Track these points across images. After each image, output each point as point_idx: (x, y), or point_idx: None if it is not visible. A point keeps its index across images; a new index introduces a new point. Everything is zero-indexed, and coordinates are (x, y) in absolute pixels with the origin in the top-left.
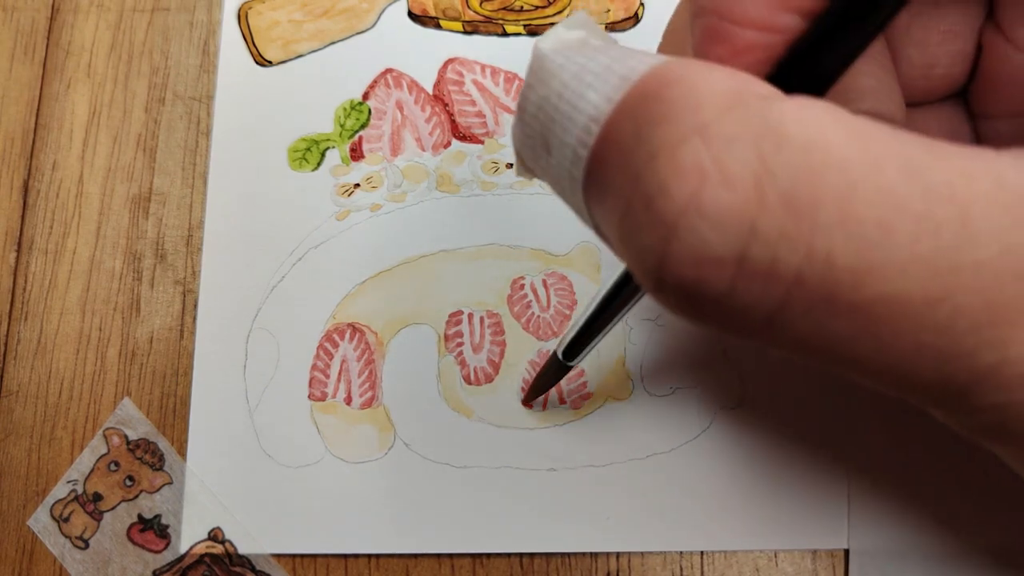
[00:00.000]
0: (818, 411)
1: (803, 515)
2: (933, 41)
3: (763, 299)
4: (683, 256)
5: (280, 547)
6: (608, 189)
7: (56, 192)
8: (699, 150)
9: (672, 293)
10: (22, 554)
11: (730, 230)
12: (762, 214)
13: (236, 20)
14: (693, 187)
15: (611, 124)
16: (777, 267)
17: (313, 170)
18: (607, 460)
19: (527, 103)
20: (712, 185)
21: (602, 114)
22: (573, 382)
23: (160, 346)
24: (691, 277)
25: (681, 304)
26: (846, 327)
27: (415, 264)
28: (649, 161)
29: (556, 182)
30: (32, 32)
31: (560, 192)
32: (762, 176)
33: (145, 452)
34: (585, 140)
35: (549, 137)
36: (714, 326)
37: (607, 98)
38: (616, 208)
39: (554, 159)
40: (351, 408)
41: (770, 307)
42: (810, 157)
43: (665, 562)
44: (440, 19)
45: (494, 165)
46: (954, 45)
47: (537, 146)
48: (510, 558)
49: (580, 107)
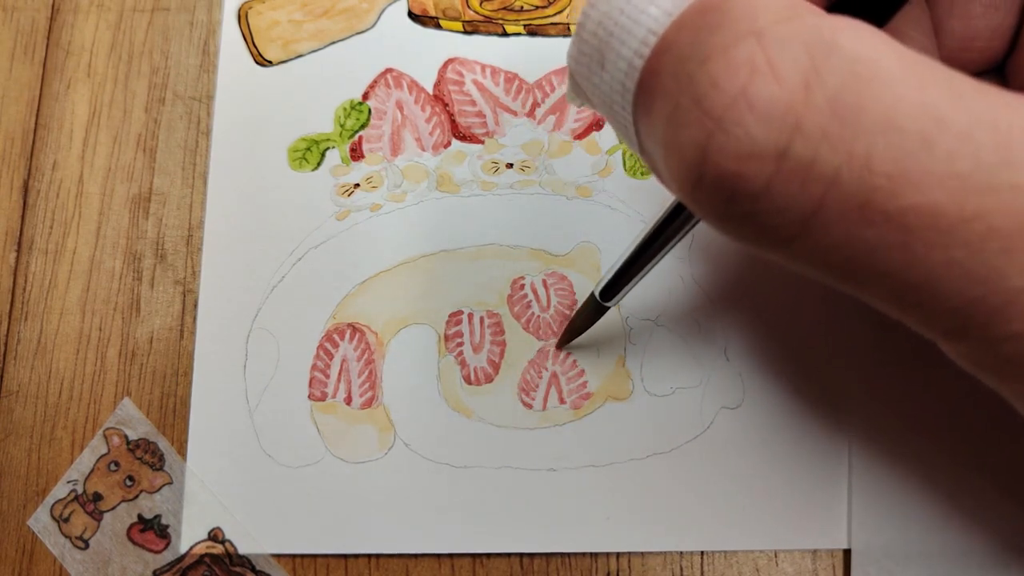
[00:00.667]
0: (818, 411)
1: (803, 515)
2: (975, 14)
3: (799, 200)
4: (726, 148)
5: (280, 547)
6: (658, 96)
7: (56, 192)
8: (753, 49)
9: (710, 190)
10: (22, 554)
11: (775, 124)
12: (807, 112)
13: (236, 20)
14: (743, 81)
15: (669, 35)
16: (816, 167)
17: (313, 170)
18: (607, 460)
19: (587, 20)
20: (762, 79)
21: (661, 26)
22: (573, 382)
23: (160, 346)
24: (731, 171)
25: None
26: (878, 236)
27: (415, 264)
28: (702, 63)
29: (606, 98)
30: (32, 32)
31: (608, 109)
32: (811, 77)
33: (145, 452)
34: (642, 51)
35: (606, 52)
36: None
37: (667, 12)
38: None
39: (607, 74)
40: (351, 408)
41: (805, 209)
42: (858, 66)
43: (665, 562)
44: (440, 19)
45: (494, 165)
46: (995, 19)
47: (592, 63)
48: (510, 558)
49: (640, 20)
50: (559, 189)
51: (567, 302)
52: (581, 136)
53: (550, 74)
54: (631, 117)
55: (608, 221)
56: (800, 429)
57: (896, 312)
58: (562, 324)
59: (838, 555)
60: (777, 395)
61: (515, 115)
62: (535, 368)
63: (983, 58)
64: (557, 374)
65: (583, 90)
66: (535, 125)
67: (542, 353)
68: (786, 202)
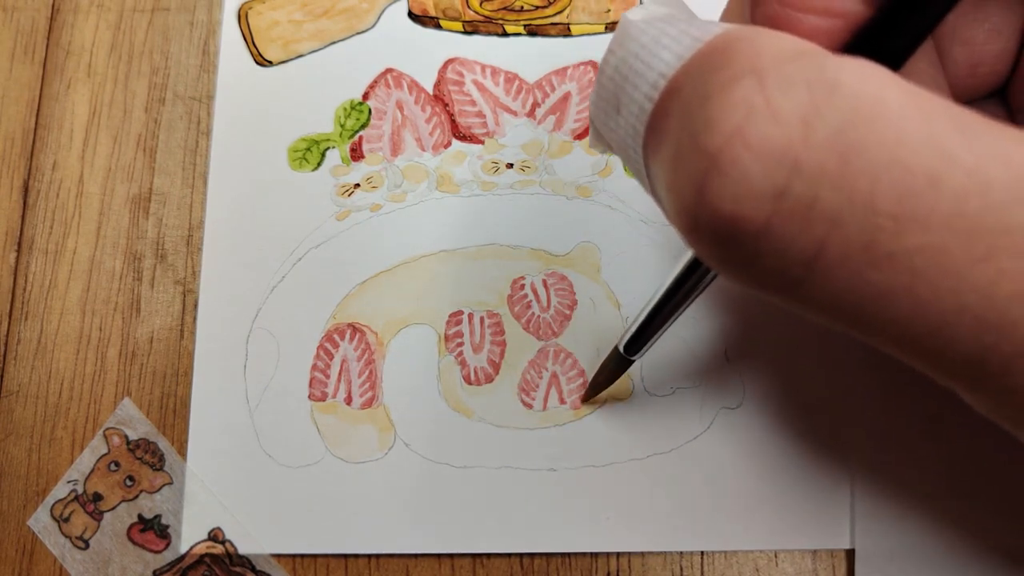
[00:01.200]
0: (818, 411)
1: (803, 515)
2: (979, 40)
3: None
4: (721, 189)
5: (280, 547)
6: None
7: (56, 192)
8: (751, 88)
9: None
10: (22, 554)
11: (772, 164)
12: (806, 151)
13: (236, 20)
14: (739, 120)
15: (678, 77)
16: (817, 207)
17: (313, 170)
18: (607, 460)
19: (606, 66)
20: (759, 118)
21: (671, 69)
22: (573, 382)
23: (160, 346)
24: (727, 212)
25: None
26: (885, 280)
27: (415, 264)
28: (703, 102)
29: (622, 142)
30: (32, 32)
31: (624, 154)
32: (811, 115)
33: (145, 452)
34: (651, 95)
35: (621, 96)
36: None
37: (678, 56)
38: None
39: (622, 117)
40: (351, 408)
41: (808, 251)
42: (861, 103)
43: (665, 562)
44: (440, 19)
45: (494, 165)
46: (998, 43)
47: (609, 107)
48: (510, 558)
49: (653, 64)
50: (559, 189)
51: (567, 302)
52: (581, 136)
53: (550, 74)
54: (643, 161)
55: (608, 221)
56: (800, 429)
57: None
58: (562, 324)
59: (839, 555)
60: (777, 396)
61: (515, 115)
62: (535, 368)
63: (988, 83)
64: (557, 374)
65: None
66: (535, 125)
67: (542, 353)
68: (787, 244)
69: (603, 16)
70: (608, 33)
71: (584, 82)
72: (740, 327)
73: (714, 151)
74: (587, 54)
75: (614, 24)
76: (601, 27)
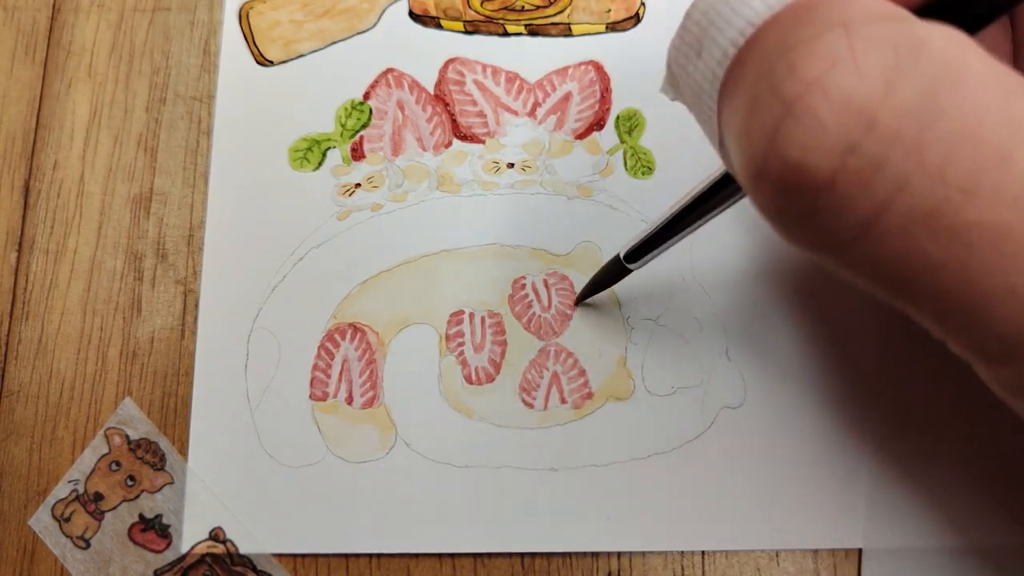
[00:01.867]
0: (819, 411)
1: (805, 514)
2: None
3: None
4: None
5: (281, 547)
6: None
7: (57, 192)
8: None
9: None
10: (23, 554)
11: (847, 117)
12: (884, 111)
13: (237, 20)
14: (822, 69)
15: (765, 26)
16: (885, 169)
17: (314, 170)
18: (608, 460)
19: (694, 10)
20: (842, 71)
21: (760, 18)
22: (574, 382)
23: (161, 346)
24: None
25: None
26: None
27: (416, 264)
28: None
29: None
30: (33, 32)
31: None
32: (894, 75)
33: (146, 452)
34: (737, 41)
35: (704, 40)
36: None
37: (769, 5)
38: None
39: (702, 62)
40: (352, 408)
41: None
42: (946, 70)
43: (666, 562)
44: (441, 19)
45: (495, 165)
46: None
47: (691, 51)
48: (511, 558)
49: (741, 11)
50: (560, 189)
51: (568, 302)
52: (582, 136)
53: (551, 74)
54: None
55: (609, 221)
56: (802, 429)
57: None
58: (563, 324)
59: (840, 555)
60: (778, 395)
61: (516, 115)
62: (536, 368)
63: None
64: (558, 374)
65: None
66: (536, 125)
67: (543, 353)
68: (848, 202)
69: (604, 16)
70: (609, 33)
71: (585, 82)
72: (741, 326)
73: (793, 97)
74: (588, 54)
75: (615, 24)
76: (602, 27)
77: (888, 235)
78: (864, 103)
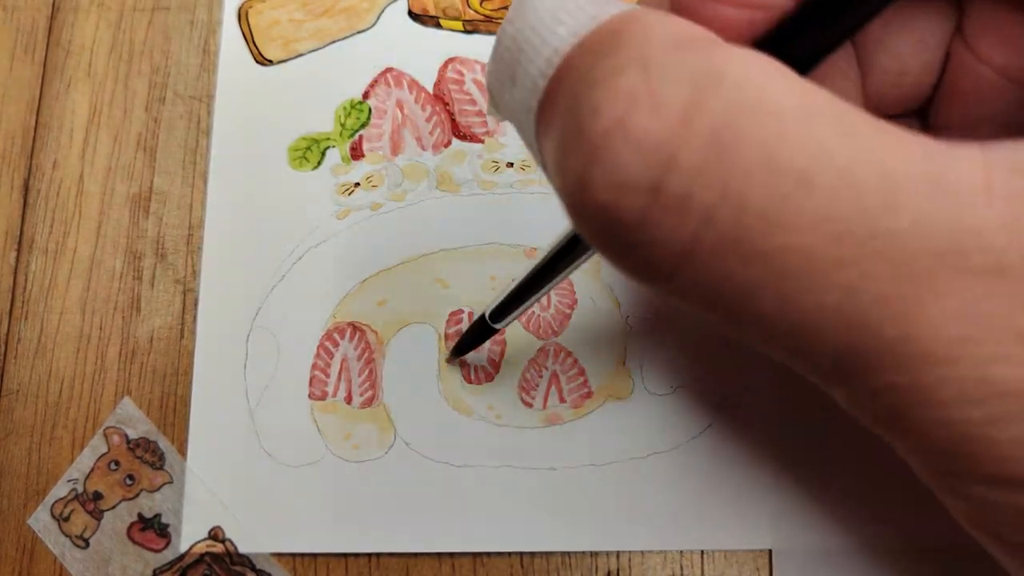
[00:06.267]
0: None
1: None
2: (906, 52)
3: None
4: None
5: (280, 546)
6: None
7: (56, 191)
8: (636, 77)
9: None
10: (22, 553)
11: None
12: (684, 146)
13: (236, 19)
14: (621, 110)
15: (572, 56)
16: (690, 202)
17: (313, 169)
18: (607, 459)
19: (504, 36)
20: (640, 110)
21: (566, 46)
22: (573, 381)
23: (160, 345)
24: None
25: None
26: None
27: (415, 263)
28: (591, 88)
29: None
30: (32, 31)
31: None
32: (691, 109)
33: (145, 451)
34: (546, 71)
35: (516, 69)
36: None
37: (573, 33)
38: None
39: (517, 91)
40: (351, 407)
41: (680, 245)
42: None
43: (665, 561)
44: (440, 18)
45: (494, 164)
46: (925, 55)
47: (505, 79)
48: (510, 557)
49: (548, 39)
50: None
51: (567, 301)
52: None
53: None
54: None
55: None
56: (802, 428)
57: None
58: (562, 323)
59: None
60: (778, 394)
61: None
62: (535, 367)
63: (912, 95)
64: (557, 373)
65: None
66: None
67: (542, 352)
68: (660, 238)
69: None
70: None
71: None
72: None
73: (596, 140)
74: None
75: None
76: None
77: (703, 266)
78: (663, 142)
